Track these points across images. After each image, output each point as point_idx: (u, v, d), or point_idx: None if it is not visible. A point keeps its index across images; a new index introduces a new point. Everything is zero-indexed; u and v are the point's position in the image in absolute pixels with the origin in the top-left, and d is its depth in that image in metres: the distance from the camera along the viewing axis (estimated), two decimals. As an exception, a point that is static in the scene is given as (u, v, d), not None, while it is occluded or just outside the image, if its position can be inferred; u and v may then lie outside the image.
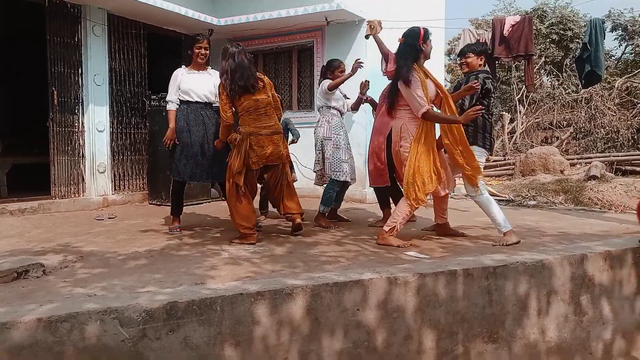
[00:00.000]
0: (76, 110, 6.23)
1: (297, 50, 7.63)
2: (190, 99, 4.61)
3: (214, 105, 4.68)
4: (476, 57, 4.51)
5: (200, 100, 4.64)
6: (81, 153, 6.29)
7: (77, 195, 6.25)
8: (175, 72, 4.68)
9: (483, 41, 7.26)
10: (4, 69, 7.97)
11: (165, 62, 7.63)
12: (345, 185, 5.20)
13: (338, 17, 6.80)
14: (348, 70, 5.09)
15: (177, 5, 6.63)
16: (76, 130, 6.24)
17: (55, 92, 6.00)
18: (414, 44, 4.01)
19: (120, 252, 3.75)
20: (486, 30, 8.34)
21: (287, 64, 7.87)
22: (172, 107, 4.63)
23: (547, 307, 3.32)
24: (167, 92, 6.58)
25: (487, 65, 4.61)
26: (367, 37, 6.75)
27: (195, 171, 4.56)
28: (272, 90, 4.34)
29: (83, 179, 6.31)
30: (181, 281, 2.93)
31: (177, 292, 2.60)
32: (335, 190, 5.06)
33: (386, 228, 4.05)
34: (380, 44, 4.89)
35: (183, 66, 4.75)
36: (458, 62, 4.80)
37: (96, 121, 6.38)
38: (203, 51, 4.63)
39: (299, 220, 4.36)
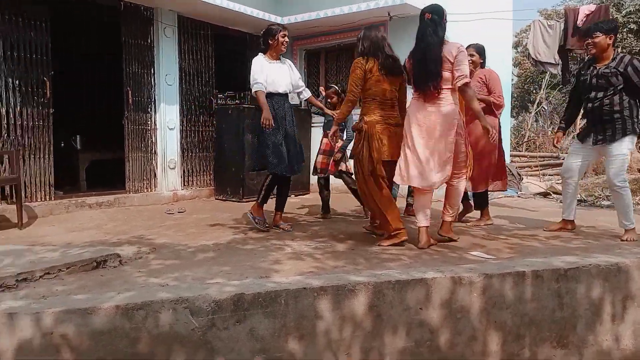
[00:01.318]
0: (149, 109, 6.55)
1: (359, 47, 7.61)
2: (274, 91, 4.44)
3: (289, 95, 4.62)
4: (605, 37, 4.00)
5: (282, 92, 4.50)
6: (153, 150, 6.61)
7: (149, 190, 6.58)
8: (257, 60, 4.45)
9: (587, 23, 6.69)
10: (83, 71, 8.50)
11: (230, 61, 7.88)
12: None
13: (401, 11, 6.72)
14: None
15: (242, 5, 6.80)
16: (149, 128, 6.57)
17: (129, 91, 6.34)
18: (441, 22, 3.81)
19: (190, 244, 3.92)
20: (557, 21, 7.98)
21: (349, 60, 7.87)
22: (261, 87, 4.35)
23: (623, 313, 3.14)
24: (232, 91, 6.86)
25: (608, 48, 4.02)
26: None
27: (288, 165, 4.42)
28: (404, 84, 4.06)
29: (155, 175, 6.64)
30: (247, 274, 3.02)
31: (243, 284, 2.68)
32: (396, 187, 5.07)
33: (449, 219, 4.00)
34: None
35: (261, 54, 4.53)
36: (584, 43, 4.31)
37: (167, 119, 6.68)
38: (287, 40, 4.52)
39: (405, 237, 3.91)
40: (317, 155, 5.40)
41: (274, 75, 4.45)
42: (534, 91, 20.11)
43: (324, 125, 5.53)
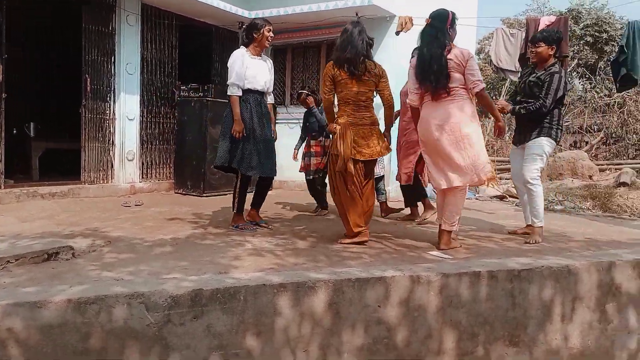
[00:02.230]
0: (108, 98, 6.37)
1: (326, 45, 7.63)
2: (253, 87, 4.30)
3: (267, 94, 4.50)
4: (547, 47, 4.21)
5: (261, 89, 4.38)
6: (111, 140, 6.42)
7: (105, 182, 6.39)
8: (237, 54, 4.28)
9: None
10: (39, 56, 8.17)
11: (195, 53, 7.74)
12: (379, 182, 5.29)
13: (369, 12, 6.77)
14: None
15: (209, -3, 6.69)
16: (107, 117, 6.38)
17: (88, 79, 6.14)
18: (442, 28, 3.76)
19: (146, 238, 3.83)
20: (519, 30, 8.21)
21: (315, 58, 7.88)
22: (237, 92, 4.23)
23: (572, 314, 3.26)
24: (196, 84, 6.74)
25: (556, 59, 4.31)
26: (397, 33, 6.75)
27: (261, 164, 4.28)
28: (382, 82, 3.99)
29: (112, 166, 6.45)
30: (205, 270, 2.97)
31: (202, 280, 2.64)
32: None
33: (454, 228, 3.88)
34: None
35: (243, 48, 4.36)
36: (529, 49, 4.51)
37: (127, 109, 6.50)
38: (272, 35, 4.37)
39: (366, 238, 3.94)
40: (308, 159, 5.37)
41: (254, 71, 4.31)
42: (494, 97, 20.67)
43: (304, 128, 5.56)
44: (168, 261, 3.17)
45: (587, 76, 16.25)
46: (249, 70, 4.28)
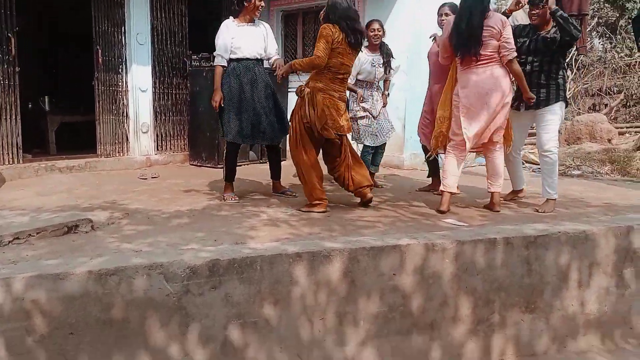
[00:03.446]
0: (120, 70, 6.34)
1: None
2: (242, 56, 4.25)
3: (264, 61, 4.45)
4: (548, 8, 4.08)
5: (252, 57, 4.29)
6: (125, 113, 6.43)
7: (121, 155, 6.44)
8: (225, 24, 4.28)
9: None
10: (52, 30, 8.15)
11: (204, 22, 7.64)
12: (378, 149, 5.18)
13: (381, -25, 6.58)
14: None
15: (218, -37, 6.56)
16: (120, 89, 6.37)
17: (99, 50, 6.11)
18: None
19: (164, 210, 3.87)
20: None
21: (327, 24, 7.72)
22: (221, 62, 4.27)
23: (589, 280, 3.26)
24: (207, 53, 6.67)
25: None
26: None
27: (251, 132, 4.27)
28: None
29: (127, 139, 6.48)
30: (222, 240, 3.01)
31: (219, 250, 2.68)
32: (369, 153, 5.07)
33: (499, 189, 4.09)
34: None
35: (231, 18, 4.36)
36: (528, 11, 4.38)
37: (139, 81, 6.47)
38: (263, 4, 4.31)
39: (370, 195, 4.08)
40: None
41: (242, 39, 4.25)
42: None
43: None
44: (185, 232, 3.21)
45: (607, 35, 15.75)
46: (236, 40, 4.24)
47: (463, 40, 3.82)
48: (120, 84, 6.36)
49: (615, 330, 3.35)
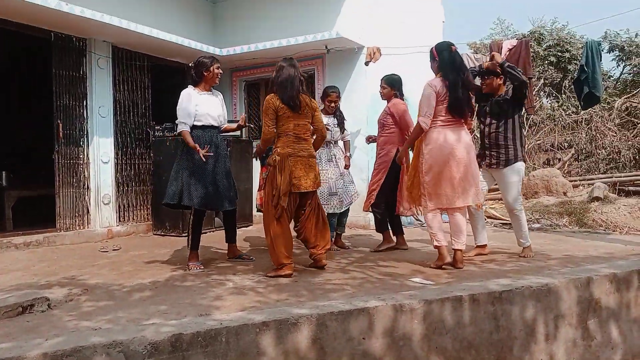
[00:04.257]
0: (81, 142, 6.31)
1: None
2: (205, 123, 4.37)
3: (221, 128, 4.58)
4: (496, 78, 4.57)
5: (215, 124, 4.44)
6: (86, 185, 6.34)
7: (82, 228, 6.28)
8: (186, 93, 4.39)
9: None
10: (9, 102, 8.10)
11: (168, 92, 7.76)
12: (344, 211, 5.26)
13: (338, 44, 6.92)
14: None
15: (179, 37, 6.77)
16: (81, 162, 6.31)
17: (60, 124, 6.09)
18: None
19: (125, 284, 3.75)
20: (484, 55, 8.47)
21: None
22: (186, 128, 4.33)
23: (555, 332, 3.29)
24: (170, 123, 6.75)
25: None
26: (366, 63, 6.90)
27: (214, 199, 4.32)
28: (316, 114, 4.22)
29: (88, 211, 6.35)
30: (186, 312, 2.92)
31: (182, 324, 2.59)
32: (334, 216, 5.12)
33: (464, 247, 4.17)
34: None
35: (191, 87, 4.46)
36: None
37: (101, 153, 6.45)
38: (221, 71, 4.50)
39: (325, 262, 4.17)
40: (258, 191, 5.35)
41: (205, 107, 4.39)
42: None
43: (262, 159, 5.27)
44: (147, 306, 3.11)
45: (554, 95, 16.75)
46: (200, 107, 4.37)
47: (466, 102, 4.15)
48: (81, 156, 6.31)
49: (586, 382, 3.36)
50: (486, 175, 4.70)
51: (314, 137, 4.29)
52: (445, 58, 4.14)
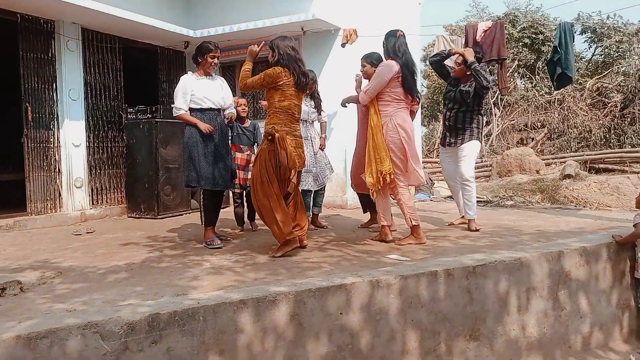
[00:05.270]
0: (51, 126, 6.16)
1: (274, 60, 7.65)
2: (206, 106, 4.43)
3: (223, 111, 4.60)
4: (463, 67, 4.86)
5: (214, 107, 4.48)
6: (57, 168, 6.21)
7: (54, 211, 6.16)
8: (184, 79, 4.47)
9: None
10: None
11: (141, 75, 7.62)
12: (318, 191, 5.27)
13: (314, 26, 6.86)
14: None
15: (150, 17, 6.61)
16: (52, 145, 6.16)
17: (29, 108, 5.92)
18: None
19: (99, 266, 3.71)
20: (460, 36, 8.50)
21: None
22: (181, 111, 4.41)
23: (527, 304, 3.38)
24: (143, 105, 6.65)
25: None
26: (343, 45, 6.86)
27: (223, 179, 4.44)
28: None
29: (60, 195, 6.23)
30: (163, 293, 2.91)
31: (159, 304, 2.58)
32: (309, 196, 5.12)
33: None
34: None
35: (190, 72, 4.57)
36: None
37: (72, 136, 6.31)
38: (216, 61, 4.52)
39: (306, 242, 4.19)
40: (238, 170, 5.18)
41: (201, 91, 4.42)
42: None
43: (232, 138, 5.15)
44: (123, 288, 3.08)
45: (527, 76, 16.98)
46: (196, 91, 4.41)
47: (415, 84, 4.37)
48: (51, 139, 6.16)
49: (555, 350, 3.47)
50: (449, 155, 5.05)
51: None
52: (392, 44, 4.33)
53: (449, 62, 5.33)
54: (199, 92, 4.41)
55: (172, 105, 4.53)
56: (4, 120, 7.38)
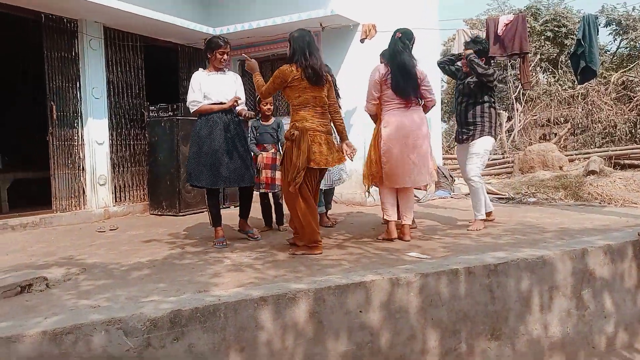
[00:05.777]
0: (75, 124, 6.27)
1: (293, 57, 7.66)
2: (216, 101, 4.39)
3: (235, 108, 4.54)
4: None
5: (224, 102, 4.43)
6: (81, 166, 6.32)
7: (78, 208, 6.28)
8: (195, 75, 4.48)
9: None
10: (3, 85, 8.02)
11: (162, 72, 7.70)
12: (328, 190, 5.28)
13: (333, 22, 6.84)
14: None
15: (171, 16, 6.67)
16: (76, 143, 6.28)
17: (54, 106, 6.04)
18: (409, 44, 4.32)
19: (123, 263, 3.77)
20: (480, 30, 8.39)
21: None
22: (195, 105, 4.41)
23: (550, 303, 3.33)
24: (165, 103, 6.72)
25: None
26: (362, 41, 6.83)
27: (222, 177, 4.33)
28: (331, 90, 4.07)
29: (84, 192, 6.35)
30: (184, 290, 2.94)
31: (180, 300, 2.62)
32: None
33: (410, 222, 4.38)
34: None
35: (201, 69, 4.57)
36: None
37: (95, 134, 6.41)
38: (225, 57, 4.47)
39: (321, 250, 4.00)
40: (259, 172, 5.13)
41: (210, 86, 4.41)
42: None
43: (257, 138, 5.11)
44: (146, 284, 3.13)
45: (550, 70, 16.68)
46: (205, 86, 4.41)
47: (409, 83, 4.25)
48: (75, 137, 6.28)
49: (579, 351, 3.41)
50: (463, 152, 4.97)
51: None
52: (389, 45, 4.33)
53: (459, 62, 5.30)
54: (207, 87, 4.40)
55: (188, 104, 4.48)
56: (30, 119, 7.54)
